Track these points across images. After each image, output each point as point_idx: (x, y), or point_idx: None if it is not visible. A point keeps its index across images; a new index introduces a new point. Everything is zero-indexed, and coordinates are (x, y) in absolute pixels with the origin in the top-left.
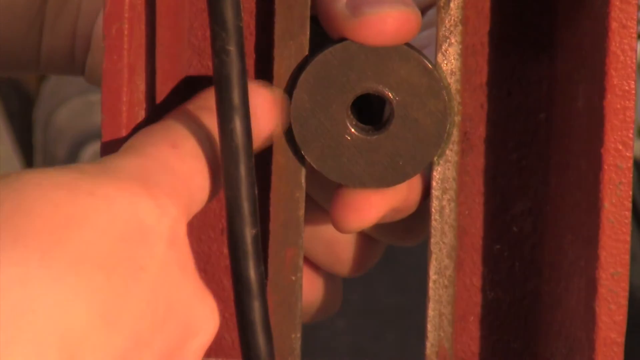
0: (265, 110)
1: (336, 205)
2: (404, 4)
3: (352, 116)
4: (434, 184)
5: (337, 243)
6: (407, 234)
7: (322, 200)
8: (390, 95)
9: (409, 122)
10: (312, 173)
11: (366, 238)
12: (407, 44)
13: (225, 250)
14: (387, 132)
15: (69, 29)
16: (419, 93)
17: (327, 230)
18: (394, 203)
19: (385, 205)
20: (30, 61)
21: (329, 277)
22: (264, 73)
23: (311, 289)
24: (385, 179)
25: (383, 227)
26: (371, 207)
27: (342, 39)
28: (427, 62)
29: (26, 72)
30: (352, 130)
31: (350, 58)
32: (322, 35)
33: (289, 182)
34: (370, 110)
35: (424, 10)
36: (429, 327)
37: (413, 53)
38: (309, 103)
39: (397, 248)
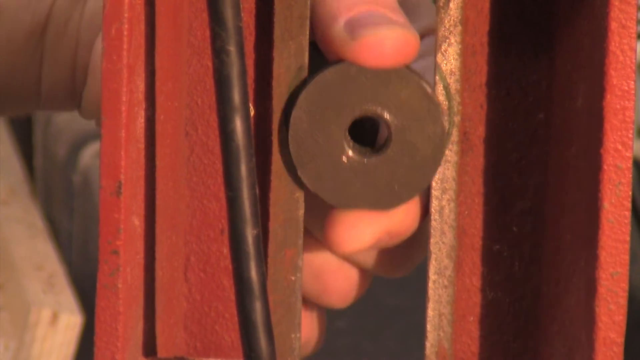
0: None
1: (331, 224)
2: (402, 26)
3: (349, 138)
4: (433, 184)
5: (325, 272)
6: (402, 261)
7: (312, 227)
8: (389, 118)
9: (407, 146)
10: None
11: (355, 268)
12: (408, 67)
13: (225, 250)
14: (384, 156)
15: (69, 60)
16: (418, 117)
17: (316, 258)
18: (390, 225)
19: (381, 225)
20: (31, 97)
21: (316, 313)
22: (264, 73)
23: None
24: (380, 203)
25: (376, 255)
26: (367, 225)
27: (342, 60)
28: (427, 86)
29: (27, 110)
30: (349, 152)
31: (350, 79)
32: (321, 58)
33: (289, 182)
34: (363, 132)
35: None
36: (429, 327)
37: (413, 76)
38: (307, 123)
39: None
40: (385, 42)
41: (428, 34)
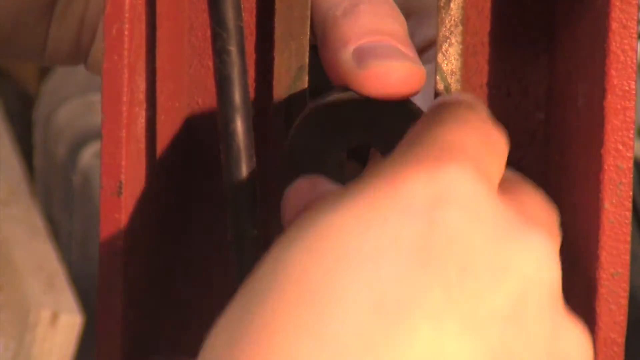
0: None
1: None
2: (410, 59)
3: (345, 165)
4: None
5: None
6: None
7: None
8: (386, 150)
9: None
10: None
11: None
12: (409, 101)
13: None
14: None
15: (77, 19)
16: None
17: None
18: None
19: None
20: (36, 50)
21: None
22: (265, 73)
23: None
24: None
25: None
26: None
27: (346, 89)
28: None
29: (32, 60)
30: (345, 180)
31: (353, 109)
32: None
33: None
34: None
35: (423, 50)
36: None
37: (414, 111)
38: (306, 148)
39: None
40: (392, 74)
41: (431, 45)
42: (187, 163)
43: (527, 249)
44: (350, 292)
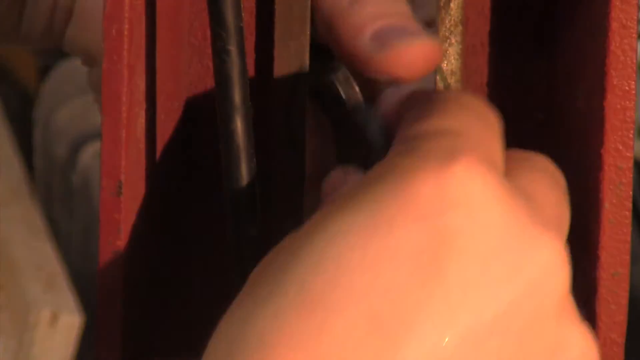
0: None
1: None
2: (427, 35)
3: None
4: None
5: None
6: None
7: None
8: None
9: None
10: None
11: None
12: None
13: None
14: None
15: (50, 1)
16: None
17: None
18: None
19: None
20: (10, 32)
21: None
22: (264, 73)
23: None
24: None
25: None
26: None
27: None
28: None
29: (7, 43)
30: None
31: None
32: (323, 61)
33: (289, 183)
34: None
35: None
36: None
37: None
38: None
39: None
40: (415, 51)
41: (429, 26)
42: (187, 163)
43: (534, 256)
44: (348, 307)
